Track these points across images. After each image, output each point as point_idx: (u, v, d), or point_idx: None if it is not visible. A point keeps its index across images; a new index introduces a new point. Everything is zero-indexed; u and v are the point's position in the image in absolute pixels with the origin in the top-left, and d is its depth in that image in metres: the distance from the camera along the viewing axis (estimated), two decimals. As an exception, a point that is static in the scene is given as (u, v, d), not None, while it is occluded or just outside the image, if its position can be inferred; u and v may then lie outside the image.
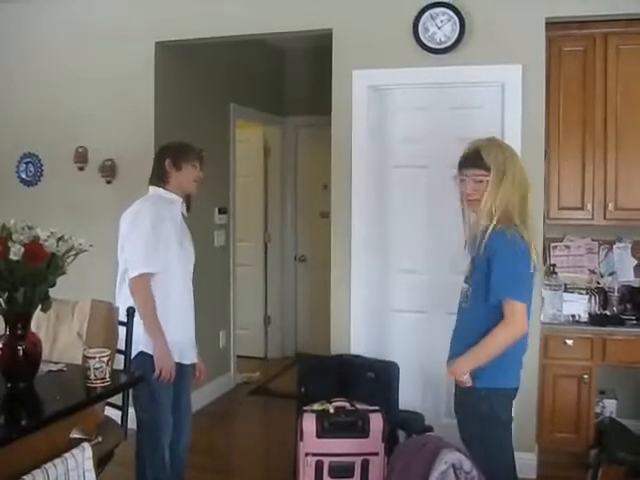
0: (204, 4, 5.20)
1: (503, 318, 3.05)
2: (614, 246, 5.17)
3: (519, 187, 3.11)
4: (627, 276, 5.12)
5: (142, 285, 3.63)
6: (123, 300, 3.71)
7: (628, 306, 4.93)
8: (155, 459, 3.71)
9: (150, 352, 3.65)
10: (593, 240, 5.22)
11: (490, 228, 3.08)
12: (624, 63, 4.72)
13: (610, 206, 4.81)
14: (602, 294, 4.96)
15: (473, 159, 3.16)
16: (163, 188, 3.82)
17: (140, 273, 3.62)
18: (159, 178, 3.84)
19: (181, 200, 3.87)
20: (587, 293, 4.92)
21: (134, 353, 3.63)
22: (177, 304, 3.80)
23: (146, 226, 3.64)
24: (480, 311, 3.16)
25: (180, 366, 3.79)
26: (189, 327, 3.91)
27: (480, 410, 3.14)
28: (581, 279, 5.10)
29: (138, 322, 3.63)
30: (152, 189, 3.86)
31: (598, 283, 5.08)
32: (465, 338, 3.20)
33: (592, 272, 5.17)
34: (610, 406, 5.00)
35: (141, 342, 3.64)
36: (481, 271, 3.13)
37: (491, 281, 3.08)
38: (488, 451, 2.86)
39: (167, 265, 3.71)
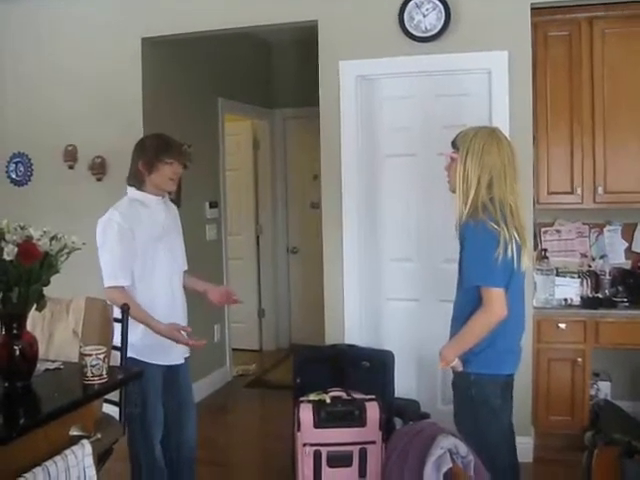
0: (189, -2, 5.19)
1: (481, 304, 3.08)
2: (604, 229, 5.20)
3: (486, 166, 3.10)
4: (618, 259, 5.16)
5: (116, 295, 3.57)
6: None
7: (620, 288, 4.95)
8: (147, 452, 3.69)
9: (137, 357, 3.58)
10: (584, 224, 5.24)
11: (464, 215, 3.12)
12: (609, 47, 4.72)
13: (599, 189, 4.82)
14: (594, 277, 4.99)
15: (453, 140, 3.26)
16: (139, 189, 3.71)
17: (110, 286, 3.59)
18: (135, 179, 3.73)
19: (161, 198, 3.77)
20: (579, 277, 4.94)
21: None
22: (163, 305, 3.71)
23: (114, 239, 3.56)
24: (463, 296, 3.23)
25: (168, 368, 3.75)
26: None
27: (470, 394, 3.18)
28: (572, 263, 5.13)
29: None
30: (129, 190, 3.75)
31: (589, 266, 5.11)
32: (455, 323, 3.25)
33: (583, 255, 5.21)
34: (604, 388, 5.03)
35: (130, 349, 3.58)
36: (459, 257, 3.20)
37: (463, 268, 3.16)
38: (479, 435, 2.89)
39: (150, 268, 3.65)
